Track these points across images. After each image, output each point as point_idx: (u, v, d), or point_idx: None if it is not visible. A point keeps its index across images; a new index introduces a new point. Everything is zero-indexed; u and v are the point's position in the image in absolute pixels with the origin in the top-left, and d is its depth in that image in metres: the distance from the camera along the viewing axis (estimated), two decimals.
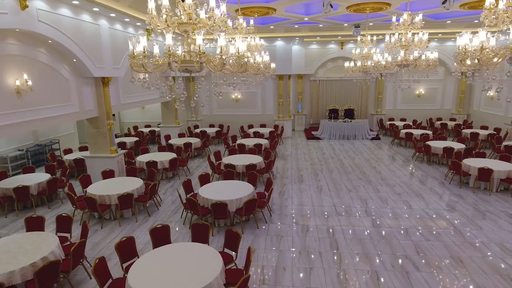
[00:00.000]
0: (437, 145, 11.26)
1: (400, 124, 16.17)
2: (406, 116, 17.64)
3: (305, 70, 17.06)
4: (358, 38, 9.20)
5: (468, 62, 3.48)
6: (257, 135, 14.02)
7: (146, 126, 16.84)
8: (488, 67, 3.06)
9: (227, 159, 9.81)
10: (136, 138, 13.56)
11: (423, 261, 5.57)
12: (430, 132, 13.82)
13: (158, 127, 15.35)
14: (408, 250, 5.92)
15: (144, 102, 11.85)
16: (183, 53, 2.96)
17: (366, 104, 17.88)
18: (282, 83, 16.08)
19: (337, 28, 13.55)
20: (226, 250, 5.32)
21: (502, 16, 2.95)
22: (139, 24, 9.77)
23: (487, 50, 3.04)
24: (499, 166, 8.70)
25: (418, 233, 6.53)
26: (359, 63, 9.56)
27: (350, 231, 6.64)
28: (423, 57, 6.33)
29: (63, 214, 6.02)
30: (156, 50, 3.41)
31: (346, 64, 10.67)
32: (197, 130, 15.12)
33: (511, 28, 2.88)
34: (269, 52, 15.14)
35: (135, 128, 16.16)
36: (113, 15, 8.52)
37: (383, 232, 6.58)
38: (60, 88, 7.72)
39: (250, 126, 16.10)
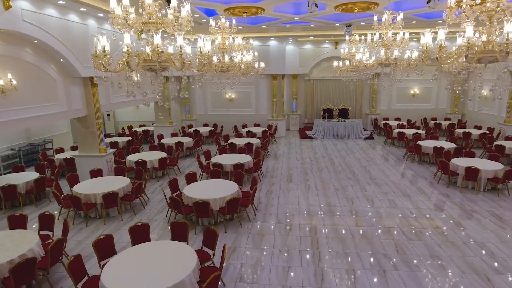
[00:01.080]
0: (427, 144, 11.26)
1: (394, 123, 16.15)
2: (401, 115, 17.62)
3: (300, 69, 17.06)
4: (347, 38, 9.20)
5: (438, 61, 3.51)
6: (249, 134, 14.05)
7: (141, 126, 16.89)
8: (450, 66, 3.09)
9: (216, 159, 9.85)
10: (129, 138, 13.61)
11: (402, 260, 5.58)
12: (422, 132, 13.81)
13: (152, 126, 15.41)
14: (388, 249, 5.94)
15: (135, 102, 11.89)
16: (145, 53, 3.00)
17: (361, 103, 17.87)
18: (276, 82, 16.10)
19: (329, 28, 13.56)
20: (204, 248, 5.36)
21: (463, 17, 2.97)
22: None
23: (445, 48, 3.07)
24: (486, 166, 8.70)
25: (400, 232, 6.54)
26: (347, 63, 9.58)
27: (333, 230, 6.66)
28: (405, 56, 6.34)
29: (45, 213, 6.08)
30: (124, 49, 3.44)
31: (335, 63, 10.68)
32: (191, 130, 15.16)
33: (466, 26, 2.91)
34: (263, 52, 15.22)
35: (130, 127, 16.22)
36: (101, 15, 8.56)
37: (365, 231, 6.60)
38: (46, 87, 7.77)
39: (244, 126, 16.13)
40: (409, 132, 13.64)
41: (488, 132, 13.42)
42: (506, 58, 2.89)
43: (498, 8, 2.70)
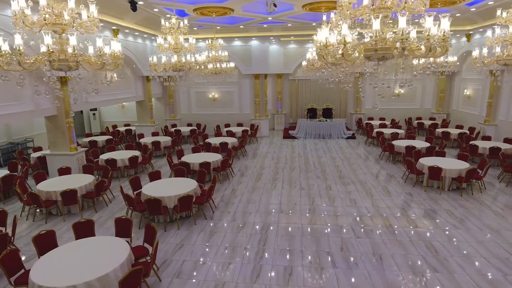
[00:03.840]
0: (400, 144, 11.26)
1: (376, 123, 16.12)
2: (386, 115, 17.58)
3: (284, 69, 17.09)
4: (314, 37, 9.22)
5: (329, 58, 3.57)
6: (230, 134, 14.15)
7: (126, 125, 17.05)
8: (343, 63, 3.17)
9: (185, 158, 9.95)
10: (109, 137, 13.77)
11: (343, 257, 5.62)
12: (401, 131, 13.79)
13: (134, 126, 15.57)
14: (333, 247, 5.98)
15: (113, 101, 12.03)
16: (41, 53, 3.12)
17: (346, 103, 17.86)
18: (259, 82, 16.17)
19: (308, 28, 13.60)
20: (146, 244, 5.46)
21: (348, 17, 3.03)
22: (102, 24, 9.95)
23: (330, 46, 3.13)
24: (451, 165, 8.69)
25: (350, 231, 6.58)
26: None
27: (284, 228, 6.71)
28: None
29: None
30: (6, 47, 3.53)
31: (304, 63, 10.71)
32: (173, 129, 15.29)
33: (341, 25, 2.96)
34: (245, 52, 15.30)
35: (114, 127, 16.39)
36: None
37: (316, 229, 6.64)
38: (9, 87, 7.88)
39: (227, 125, 16.22)
40: (387, 131, 13.63)
41: (467, 131, 13.37)
42: (402, 54, 2.94)
43: (373, 6, 2.76)
